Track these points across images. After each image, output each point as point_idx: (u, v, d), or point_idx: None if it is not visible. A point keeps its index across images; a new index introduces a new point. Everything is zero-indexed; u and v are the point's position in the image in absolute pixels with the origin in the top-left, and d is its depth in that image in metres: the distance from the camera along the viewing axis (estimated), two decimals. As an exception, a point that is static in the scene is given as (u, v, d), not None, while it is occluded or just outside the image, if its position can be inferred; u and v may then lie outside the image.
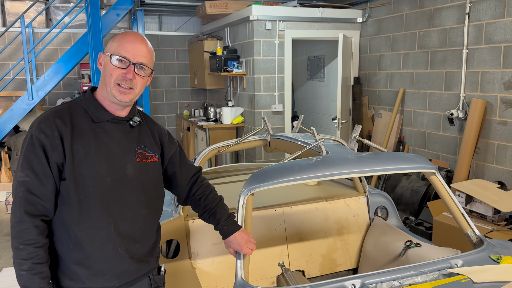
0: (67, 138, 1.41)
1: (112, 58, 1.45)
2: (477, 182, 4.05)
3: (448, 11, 4.52)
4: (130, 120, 1.54)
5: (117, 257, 1.47)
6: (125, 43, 1.47)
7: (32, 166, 1.37)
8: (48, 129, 1.39)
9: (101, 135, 1.47)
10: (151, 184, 1.58)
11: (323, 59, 6.95)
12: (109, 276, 1.47)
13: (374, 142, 5.78)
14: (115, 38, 1.51)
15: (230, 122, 5.84)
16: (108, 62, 1.47)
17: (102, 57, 1.51)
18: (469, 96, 4.37)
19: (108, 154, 1.47)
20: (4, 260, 3.93)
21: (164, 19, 7.65)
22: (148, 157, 1.56)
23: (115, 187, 1.46)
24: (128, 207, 1.49)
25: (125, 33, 1.51)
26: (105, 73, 1.48)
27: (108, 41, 1.53)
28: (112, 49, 1.48)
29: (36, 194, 1.37)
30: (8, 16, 6.54)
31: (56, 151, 1.39)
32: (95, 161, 1.44)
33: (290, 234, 2.64)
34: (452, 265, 1.72)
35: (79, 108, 1.49)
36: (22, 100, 5.80)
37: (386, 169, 1.94)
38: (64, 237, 1.44)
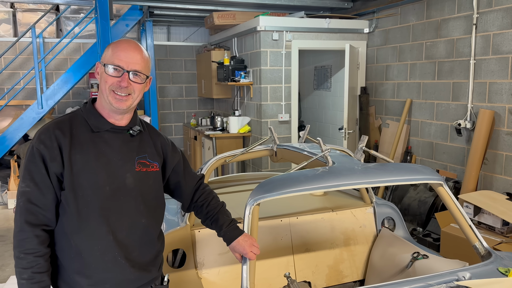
0: (66, 148, 1.43)
1: (107, 67, 1.47)
2: (485, 193, 4.02)
3: (455, 22, 4.52)
4: (130, 129, 1.55)
5: (117, 266, 1.48)
6: (118, 52, 1.48)
7: (33, 177, 1.40)
8: (48, 140, 1.42)
9: (100, 145, 1.48)
10: (151, 194, 1.58)
11: (330, 69, 6.97)
12: (110, 285, 1.48)
13: (381, 152, 5.76)
14: (109, 47, 1.52)
15: (237, 132, 5.86)
16: (103, 71, 1.49)
17: (99, 67, 1.53)
18: (476, 107, 4.35)
19: (107, 164, 1.48)
20: (11, 268, 3.96)
21: (172, 30, 7.73)
22: (148, 166, 1.56)
23: (114, 197, 1.47)
24: (127, 216, 1.50)
25: (118, 42, 1.52)
26: (101, 81, 1.50)
27: (108, 49, 1.54)
28: (107, 58, 1.49)
29: (37, 204, 1.39)
30: (20, 27, 6.65)
31: (55, 161, 1.41)
32: (94, 171, 1.45)
33: (296, 244, 2.63)
34: (459, 278, 1.70)
35: (79, 119, 1.51)
36: (32, 109, 5.87)
37: (393, 180, 1.93)
38: (65, 246, 1.45)
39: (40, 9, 6.62)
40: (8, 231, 4.95)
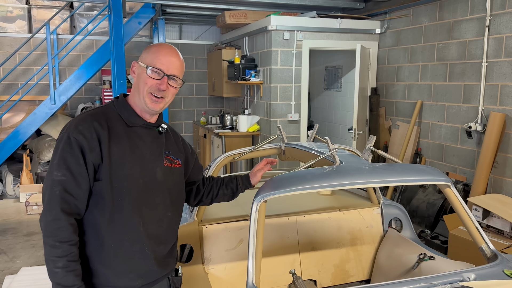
0: (105, 140, 1.46)
1: (148, 69, 1.52)
2: (494, 197, 3.99)
3: (467, 24, 4.49)
4: (159, 127, 1.62)
5: (143, 257, 1.53)
6: (160, 56, 1.53)
7: (69, 166, 1.41)
8: (86, 130, 1.44)
9: (134, 139, 1.54)
10: (176, 188, 1.65)
11: (341, 69, 6.96)
12: (134, 275, 1.52)
13: (390, 153, 5.74)
14: (151, 50, 1.56)
15: (246, 130, 5.88)
16: (143, 72, 1.53)
17: (136, 66, 1.57)
18: (487, 109, 4.32)
19: (141, 157, 1.53)
20: (22, 260, 4.03)
21: (184, 28, 7.78)
22: (173, 162, 1.64)
23: (145, 189, 1.53)
24: (156, 209, 1.56)
25: (160, 46, 1.57)
26: (139, 82, 1.54)
27: (143, 52, 1.59)
28: (148, 60, 1.53)
29: (72, 193, 1.41)
30: (34, 23, 6.75)
31: (94, 152, 1.44)
32: (130, 164, 1.50)
33: (302, 243, 2.64)
34: (464, 279, 1.70)
35: (113, 113, 1.55)
36: (45, 104, 5.96)
37: (399, 181, 1.94)
38: (90, 237, 1.48)
39: (55, 6, 6.71)
40: (19, 223, 5.04)
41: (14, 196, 6.09)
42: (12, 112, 6.67)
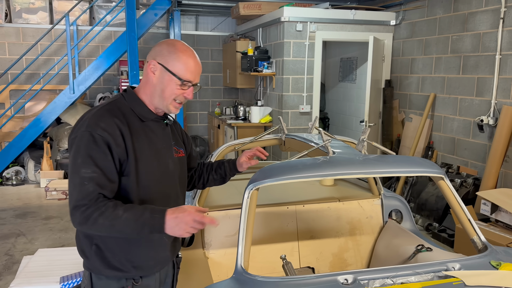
0: (128, 136, 1.48)
1: (177, 79, 1.51)
2: (504, 191, 3.95)
3: (482, 16, 4.42)
4: (166, 119, 1.66)
5: (161, 245, 1.61)
6: (191, 67, 1.53)
7: (97, 163, 1.40)
8: (110, 127, 1.44)
9: (149, 134, 1.56)
10: (183, 177, 1.73)
11: (356, 61, 6.92)
12: (154, 262, 1.60)
13: (403, 146, 5.72)
14: (180, 58, 1.52)
15: (258, 121, 5.95)
16: (170, 81, 1.51)
17: (158, 69, 1.52)
18: (500, 103, 4.26)
19: (156, 151, 1.57)
20: (40, 242, 4.23)
21: (200, 19, 7.86)
22: (178, 152, 1.70)
23: (162, 181, 1.59)
24: (171, 199, 1.62)
25: (188, 56, 1.53)
26: (163, 88, 1.53)
27: (164, 51, 1.53)
28: (176, 69, 1.51)
29: (106, 187, 1.42)
30: (55, 14, 6.95)
31: (120, 147, 1.45)
32: (149, 158, 1.53)
33: (301, 231, 2.71)
34: (448, 268, 1.74)
35: (126, 107, 1.54)
36: (64, 93, 6.16)
37: (391, 172, 1.98)
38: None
39: (75, -2, 6.88)
40: (39, 208, 5.27)
41: (35, 182, 6.34)
42: (34, 101, 6.92)
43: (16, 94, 7.00)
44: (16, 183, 6.24)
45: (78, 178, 1.39)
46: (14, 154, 6.07)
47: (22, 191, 5.99)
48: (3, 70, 6.67)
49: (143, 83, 1.58)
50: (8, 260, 3.82)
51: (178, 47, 1.54)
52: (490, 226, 3.85)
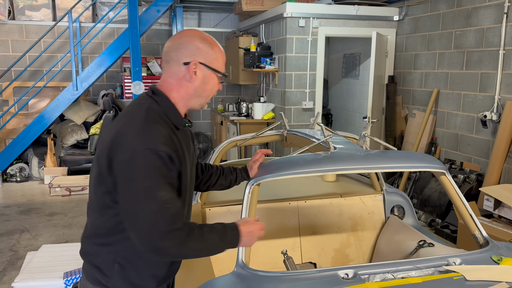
0: (180, 147, 1.39)
1: (218, 75, 1.47)
2: (507, 187, 3.94)
3: (485, 11, 4.39)
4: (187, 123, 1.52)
5: None
6: (224, 59, 1.50)
7: (171, 182, 1.32)
8: (168, 140, 1.33)
9: (182, 142, 1.43)
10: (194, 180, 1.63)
11: (359, 56, 6.90)
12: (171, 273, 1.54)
13: (406, 142, 5.70)
14: (216, 52, 1.46)
15: (261, 118, 5.95)
16: (213, 78, 1.46)
17: (201, 69, 1.43)
18: (504, 99, 4.24)
19: (189, 158, 1.47)
20: (44, 238, 4.26)
21: (203, 16, 7.86)
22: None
23: (191, 189, 1.53)
24: (190, 204, 1.55)
25: (219, 46, 1.49)
26: (205, 86, 1.45)
27: (204, 49, 1.44)
28: (217, 65, 1.46)
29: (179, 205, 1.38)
30: (58, 11, 6.96)
31: (179, 160, 1.37)
32: (187, 167, 1.44)
33: (303, 227, 2.72)
34: (450, 263, 1.74)
35: (162, 115, 1.39)
36: (67, 90, 6.18)
37: (392, 167, 1.98)
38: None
39: (78, -5, 6.89)
40: (43, 204, 5.30)
41: (39, 178, 6.38)
42: (37, 98, 6.94)
43: (19, 91, 7.03)
44: (20, 179, 6.28)
45: (155, 203, 1.25)
46: (18, 151, 6.11)
47: (26, 187, 6.03)
48: (6, 67, 6.70)
49: (176, 85, 1.43)
50: (13, 256, 3.85)
51: (210, 40, 1.46)
52: (493, 222, 3.84)
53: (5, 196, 5.64)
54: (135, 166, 1.26)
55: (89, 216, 1.48)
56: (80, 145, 6.70)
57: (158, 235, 1.25)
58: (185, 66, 1.42)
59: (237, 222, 1.45)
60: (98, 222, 1.42)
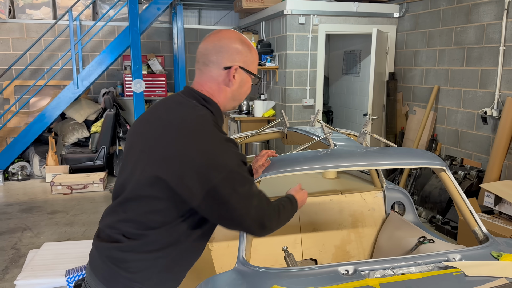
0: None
1: (253, 77, 1.48)
2: (507, 183, 3.95)
3: (486, 7, 4.39)
4: None
5: None
6: (257, 63, 1.52)
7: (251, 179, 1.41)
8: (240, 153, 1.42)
9: None
10: None
11: (359, 53, 6.90)
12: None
13: (406, 139, 5.71)
14: (253, 55, 1.47)
15: (261, 115, 5.95)
16: (248, 81, 1.47)
17: (240, 73, 1.44)
18: (504, 95, 4.24)
19: None
20: (46, 236, 4.28)
21: (203, 13, 7.85)
22: None
23: None
24: None
25: (255, 49, 1.50)
26: (241, 90, 1.47)
27: (244, 53, 1.44)
28: (253, 68, 1.47)
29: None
30: (59, 10, 6.97)
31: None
32: None
33: (304, 224, 2.73)
34: (449, 259, 1.75)
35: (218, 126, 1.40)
36: (68, 89, 6.19)
37: (392, 164, 1.98)
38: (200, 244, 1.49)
39: (78, -7, 6.89)
40: (45, 202, 5.32)
41: (40, 177, 6.39)
42: (38, 96, 6.95)
43: (20, 89, 7.04)
44: (22, 178, 6.30)
45: (256, 199, 1.37)
46: (19, 150, 6.13)
47: (28, 186, 6.05)
48: (7, 66, 6.71)
49: (217, 90, 1.44)
50: (15, 254, 3.87)
51: (247, 43, 1.46)
52: (494, 218, 3.85)
53: (7, 194, 5.66)
54: (234, 180, 1.32)
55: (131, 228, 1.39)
56: (81, 143, 6.71)
57: (265, 224, 1.39)
58: (225, 70, 1.41)
59: (291, 193, 1.65)
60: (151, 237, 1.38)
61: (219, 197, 1.29)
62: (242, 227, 1.39)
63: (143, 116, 1.50)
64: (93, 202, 5.29)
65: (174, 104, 1.42)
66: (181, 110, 1.39)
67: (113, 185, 5.51)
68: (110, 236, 1.41)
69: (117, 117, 6.43)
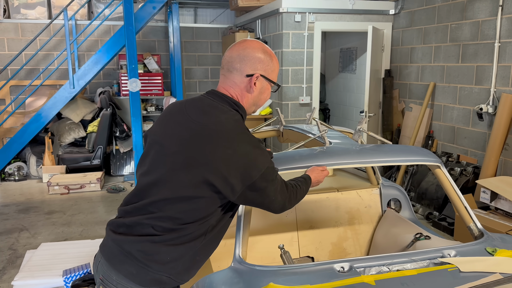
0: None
1: (273, 85, 1.60)
2: (503, 179, 3.97)
3: (481, 3, 4.40)
4: None
5: None
6: (278, 72, 1.63)
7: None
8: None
9: None
10: None
11: (355, 51, 6.90)
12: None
13: (403, 136, 5.72)
14: (275, 64, 1.58)
15: (258, 114, 5.95)
16: (268, 88, 1.59)
17: (261, 80, 1.55)
18: (499, 91, 4.25)
19: None
20: (43, 236, 4.27)
21: (199, 12, 7.84)
22: None
23: None
24: None
25: (276, 59, 1.61)
26: (262, 96, 1.59)
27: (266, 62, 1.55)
28: (274, 76, 1.59)
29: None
30: (54, 9, 6.94)
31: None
32: None
33: (300, 221, 2.73)
34: (444, 255, 1.76)
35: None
36: (64, 88, 6.17)
37: (387, 161, 1.99)
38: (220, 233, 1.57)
39: (73, -8, 6.86)
40: (41, 202, 5.31)
41: (37, 177, 6.38)
42: (34, 96, 6.93)
43: (16, 90, 7.02)
44: (19, 178, 6.28)
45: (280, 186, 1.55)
46: (15, 150, 6.10)
47: (25, 186, 6.04)
48: (2, 66, 6.68)
49: (240, 95, 1.56)
50: (12, 255, 3.87)
51: (270, 53, 1.57)
52: (490, 214, 3.87)
53: (4, 195, 5.65)
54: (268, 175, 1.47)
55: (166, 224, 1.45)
56: (78, 143, 6.69)
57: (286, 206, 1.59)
58: (247, 77, 1.53)
59: (308, 172, 1.81)
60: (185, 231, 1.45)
61: (257, 190, 1.45)
62: (268, 209, 1.57)
63: (168, 118, 1.56)
64: (90, 202, 5.28)
65: (208, 108, 1.50)
66: (217, 114, 1.49)
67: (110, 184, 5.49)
68: (139, 231, 1.46)
69: (114, 116, 6.42)
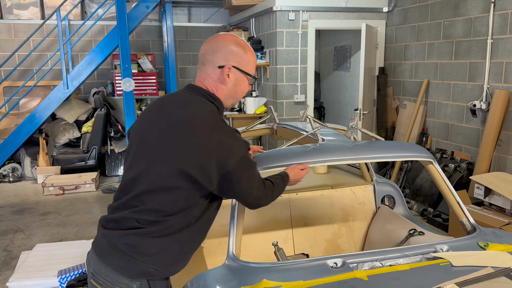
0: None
1: (249, 78, 1.60)
2: (497, 175, 3.99)
3: (473, 0, 4.42)
4: None
5: None
6: (255, 62, 1.63)
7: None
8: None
9: None
10: None
11: (350, 49, 6.92)
12: None
13: (397, 133, 5.74)
14: (249, 56, 1.58)
15: (253, 112, 5.96)
16: (244, 81, 1.59)
17: (232, 72, 1.55)
18: (492, 87, 4.28)
19: None
20: (38, 237, 4.26)
21: (193, 11, 7.83)
22: None
23: None
24: None
25: (252, 51, 1.61)
26: (237, 88, 1.59)
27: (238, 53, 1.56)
28: (249, 68, 1.59)
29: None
30: (47, 9, 6.91)
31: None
32: None
33: (295, 219, 2.74)
34: (437, 250, 1.77)
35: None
36: (58, 89, 6.15)
37: (380, 157, 2.00)
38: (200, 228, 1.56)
39: (66, -8, 6.83)
40: (36, 204, 5.29)
41: (32, 178, 6.35)
42: (28, 97, 6.90)
43: (10, 91, 6.99)
44: (13, 179, 6.25)
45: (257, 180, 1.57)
46: (10, 151, 6.07)
47: (19, 187, 6.01)
48: (-4, 67, 6.65)
49: (214, 87, 1.57)
50: (7, 256, 3.85)
51: (244, 45, 1.58)
52: (484, 210, 3.89)
53: (-2, 196, 5.62)
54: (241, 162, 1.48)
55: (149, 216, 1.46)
56: (72, 144, 6.67)
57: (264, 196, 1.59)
58: (219, 69, 1.55)
59: (287, 170, 1.78)
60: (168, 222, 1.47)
61: (232, 179, 1.47)
62: (244, 202, 1.58)
63: (147, 113, 1.59)
64: (85, 203, 5.27)
65: (183, 100, 1.54)
66: (192, 106, 1.51)
67: (106, 184, 5.49)
68: (125, 225, 1.48)
69: (108, 116, 6.40)
